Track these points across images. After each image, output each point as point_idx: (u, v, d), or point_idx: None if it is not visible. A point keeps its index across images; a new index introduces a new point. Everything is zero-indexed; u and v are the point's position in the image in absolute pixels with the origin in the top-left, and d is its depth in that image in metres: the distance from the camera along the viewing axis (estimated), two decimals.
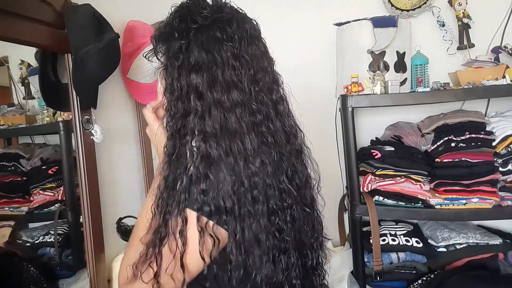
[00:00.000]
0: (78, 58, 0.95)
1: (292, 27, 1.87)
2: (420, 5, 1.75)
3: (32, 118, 1.07)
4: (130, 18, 1.27)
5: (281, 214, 0.69)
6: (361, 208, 1.52)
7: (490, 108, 1.70)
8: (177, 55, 0.68)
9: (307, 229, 0.78)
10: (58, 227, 1.08)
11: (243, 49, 0.70)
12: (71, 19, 0.96)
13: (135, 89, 1.28)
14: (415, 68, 1.66)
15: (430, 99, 1.48)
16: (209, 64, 0.67)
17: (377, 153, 1.59)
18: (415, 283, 1.50)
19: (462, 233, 1.55)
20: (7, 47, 0.97)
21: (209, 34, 0.68)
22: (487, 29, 1.69)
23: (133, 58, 1.21)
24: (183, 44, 0.68)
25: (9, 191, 1.00)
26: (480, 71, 1.51)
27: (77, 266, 1.09)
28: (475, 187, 1.43)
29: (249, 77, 0.70)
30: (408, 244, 1.54)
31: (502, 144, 1.47)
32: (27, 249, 1.02)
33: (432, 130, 1.59)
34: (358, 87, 1.51)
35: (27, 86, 1.06)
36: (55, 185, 1.08)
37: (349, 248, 1.72)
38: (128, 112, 1.31)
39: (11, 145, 1.07)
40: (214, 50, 0.67)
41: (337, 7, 1.86)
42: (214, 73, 0.67)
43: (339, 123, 1.68)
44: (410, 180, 1.51)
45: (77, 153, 1.05)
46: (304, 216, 0.76)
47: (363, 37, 1.62)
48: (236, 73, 0.68)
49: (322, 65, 1.88)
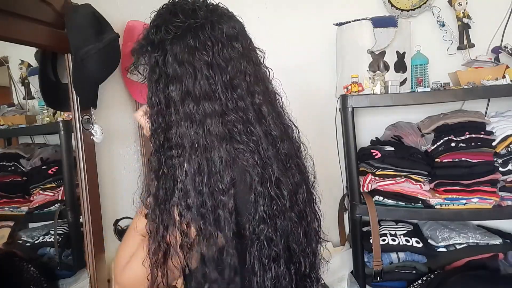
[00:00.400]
0: (78, 58, 0.95)
1: (292, 27, 1.87)
2: (420, 5, 1.75)
3: (32, 118, 1.07)
4: (130, 18, 1.27)
5: (270, 222, 0.67)
6: (361, 208, 1.52)
7: (490, 108, 1.70)
8: (154, 68, 0.67)
9: (299, 236, 0.73)
10: (58, 227, 1.08)
11: (217, 55, 0.67)
12: (71, 19, 0.96)
13: (135, 89, 1.28)
14: (415, 68, 1.66)
15: (430, 99, 1.48)
16: (182, 77, 0.65)
17: (377, 153, 1.59)
18: (415, 283, 1.50)
19: (462, 233, 1.55)
20: (7, 47, 0.97)
21: (183, 44, 0.66)
22: (487, 29, 1.69)
23: (133, 58, 1.21)
24: (159, 57, 0.67)
25: (9, 191, 1.00)
26: (480, 71, 1.50)
27: (77, 266, 1.09)
28: (475, 187, 1.43)
29: (223, 84, 0.67)
30: (408, 244, 1.54)
31: (502, 144, 1.47)
32: (27, 249, 1.02)
33: (432, 130, 1.59)
34: (358, 87, 1.51)
35: (27, 86, 1.06)
36: (55, 185, 1.08)
37: (349, 248, 1.72)
38: (128, 112, 1.31)
39: (11, 145, 1.07)
40: (187, 61, 0.66)
41: (337, 7, 1.86)
42: (187, 85, 0.65)
43: (339, 123, 1.68)
44: (410, 180, 1.51)
45: (77, 153, 1.05)
46: (294, 223, 0.72)
47: (363, 37, 1.62)
48: (209, 83, 0.66)
49: (322, 65, 1.88)
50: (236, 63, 0.69)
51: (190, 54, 0.66)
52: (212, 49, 0.67)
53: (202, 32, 0.67)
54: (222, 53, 0.68)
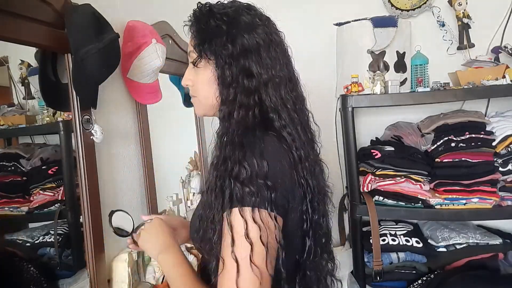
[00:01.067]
0: (78, 58, 0.95)
1: (292, 27, 1.86)
2: (420, 5, 1.75)
3: (32, 118, 1.07)
4: (130, 18, 1.27)
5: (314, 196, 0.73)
6: (361, 208, 1.52)
7: (490, 108, 1.70)
8: (225, 46, 0.71)
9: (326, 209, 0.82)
10: (58, 227, 1.08)
11: (270, 26, 0.76)
12: (71, 19, 0.96)
13: (135, 89, 1.28)
14: (415, 68, 1.66)
15: (430, 99, 1.48)
16: (253, 46, 0.71)
17: (377, 153, 1.59)
18: (415, 283, 1.50)
19: (462, 233, 1.55)
20: (7, 47, 0.96)
21: (244, 21, 0.73)
22: (487, 29, 1.69)
23: (133, 58, 1.21)
24: (229, 36, 0.72)
25: (9, 191, 1.00)
26: (480, 71, 1.51)
27: (77, 266, 1.08)
28: (475, 187, 1.44)
29: (281, 52, 0.76)
30: (408, 244, 1.54)
31: (502, 144, 1.47)
32: (27, 249, 1.02)
33: (432, 130, 1.59)
34: (358, 87, 1.51)
35: (27, 86, 1.06)
36: (55, 185, 1.08)
37: (349, 248, 1.72)
38: (128, 112, 1.31)
39: (11, 145, 1.06)
40: (254, 32, 0.72)
41: (337, 7, 1.86)
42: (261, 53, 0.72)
43: (339, 123, 1.68)
44: (410, 180, 1.51)
45: (77, 153, 1.05)
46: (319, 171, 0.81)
47: (363, 37, 1.62)
48: (274, 49, 0.74)
49: (322, 65, 1.88)
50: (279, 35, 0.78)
51: (254, 27, 0.73)
52: (267, 24, 0.76)
53: (253, 10, 0.76)
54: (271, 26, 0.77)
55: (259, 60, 0.72)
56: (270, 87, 0.72)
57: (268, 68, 0.72)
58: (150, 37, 1.22)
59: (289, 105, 0.74)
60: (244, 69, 0.71)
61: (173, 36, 1.50)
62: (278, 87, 0.73)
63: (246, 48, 0.71)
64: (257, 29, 0.73)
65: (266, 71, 0.72)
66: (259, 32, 0.73)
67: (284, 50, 0.78)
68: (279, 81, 0.73)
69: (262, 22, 0.74)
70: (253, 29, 0.72)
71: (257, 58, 0.72)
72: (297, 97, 0.78)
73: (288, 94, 0.74)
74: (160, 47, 1.22)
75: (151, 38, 1.21)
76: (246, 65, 0.71)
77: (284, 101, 0.73)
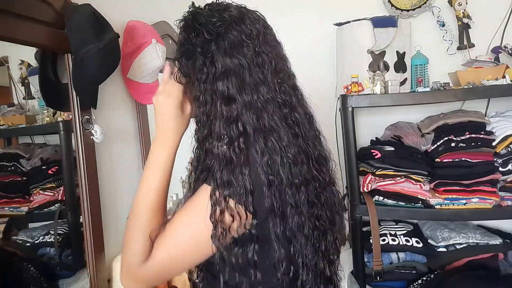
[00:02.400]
0: (78, 58, 0.95)
1: (292, 27, 1.87)
2: (420, 5, 1.75)
3: (32, 118, 1.07)
4: (130, 18, 1.27)
5: (317, 202, 0.71)
6: (361, 208, 1.52)
7: (490, 108, 1.70)
8: (202, 69, 0.68)
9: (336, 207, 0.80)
10: (58, 227, 1.08)
11: (262, 43, 0.70)
12: (71, 19, 0.96)
13: (135, 89, 1.28)
14: (415, 68, 1.66)
15: (430, 99, 1.48)
16: (235, 69, 0.67)
17: (377, 153, 1.59)
18: (415, 283, 1.50)
19: (462, 233, 1.55)
20: (7, 47, 0.96)
21: (229, 40, 0.68)
22: (487, 29, 1.69)
23: (133, 58, 1.21)
24: (208, 58, 0.68)
25: (9, 191, 1.00)
26: (480, 71, 1.51)
27: (77, 266, 1.08)
28: (475, 187, 1.43)
29: (272, 70, 0.70)
30: (408, 244, 1.54)
31: (502, 144, 1.47)
32: (27, 249, 1.02)
33: (432, 130, 1.59)
34: (358, 87, 1.51)
35: (27, 86, 1.06)
36: (55, 185, 1.08)
37: (349, 248, 1.72)
38: (128, 112, 1.31)
39: (11, 145, 1.07)
40: (238, 53, 0.67)
41: (337, 7, 1.86)
42: (242, 76, 0.67)
43: (339, 123, 1.68)
44: (410, 180, 1.51)
45: (77, 153, 1.05)
46: (329, 195, 0.78)
47: (363, 37, 1.62)
48: (261, 70, 0.69)
49: (322, 65, 1.88)
50: (276, 48, 0.74)
51: (239, 46, 0.68)
52: (257, 38, 0.69)
53: (243, 24, 0.69)
54: (265, 41, 0.71)
55: (240, 84, 0.67)
56: (252, 113, 0.66)
57: (252, 92, 0.67)
58: (150, 37, 1.22)
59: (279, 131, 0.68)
60: (221, 93, 0.67)
61: (173, 36, 1.50)
62: (262, 112, 0.67)
63: (226, 70, 0.67)
64: (243, 49, 0.67)
65: (248, 95, 0.67)
66: (244, 52, 0.67)
67: (276, 70, 0.71)
68: (263, 105, 0.67)
69: (252, 39, 0.68)
70: (237, 49, 0.67)
71: (238, 82, 0.67)
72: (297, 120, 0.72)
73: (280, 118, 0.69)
74: (160, 47, 1.23)
75: (151, 38, 1.22)
76: (225, 89, 0.67)
77: (272, 127, 0.67)
